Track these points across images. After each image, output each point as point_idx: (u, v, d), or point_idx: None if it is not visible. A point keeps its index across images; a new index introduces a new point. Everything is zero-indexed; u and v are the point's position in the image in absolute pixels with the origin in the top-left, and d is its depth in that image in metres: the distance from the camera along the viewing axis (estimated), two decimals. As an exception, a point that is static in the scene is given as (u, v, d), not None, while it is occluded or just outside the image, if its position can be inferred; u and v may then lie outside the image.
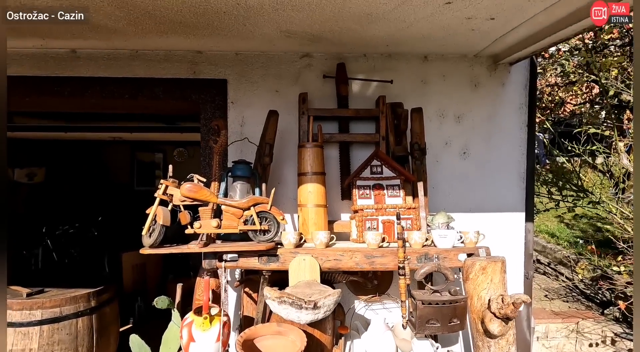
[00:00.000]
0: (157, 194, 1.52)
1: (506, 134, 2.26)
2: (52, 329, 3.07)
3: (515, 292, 1.53)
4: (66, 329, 3.14)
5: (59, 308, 3.15)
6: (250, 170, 1.84)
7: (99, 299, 3.45)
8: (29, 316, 3.04)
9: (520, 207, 2.28)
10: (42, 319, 3.05)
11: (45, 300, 3.11)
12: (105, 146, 6.44)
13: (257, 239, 1.59)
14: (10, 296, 3.14)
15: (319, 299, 1.37)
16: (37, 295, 3.18)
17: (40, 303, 3.07)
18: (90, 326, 3.30)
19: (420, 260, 1.65)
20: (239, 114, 2.16)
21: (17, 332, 3.00)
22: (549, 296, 3.27)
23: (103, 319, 3.45)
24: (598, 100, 7.07)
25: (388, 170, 1.96)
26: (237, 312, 2.11)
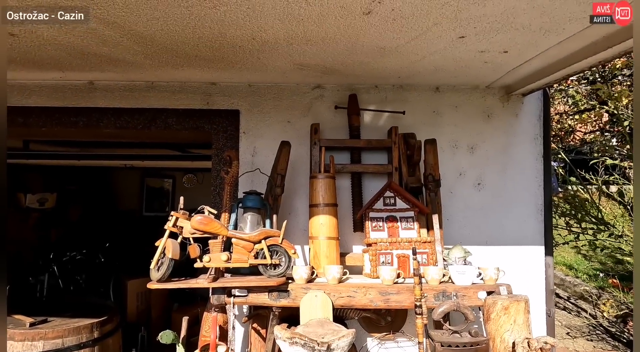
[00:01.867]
0: (167, 226, 1.49)
1: (521, 165, 2.22)
2: (52, 361, 2.98)
3: (539, 334, 1.44)
4: (67, 362, 3.04)
5: (61, 339, 3.07)
6: (261, 201, 1.82)
7: (102, 330, 3.35)
8: (31, 347, 2.96)
9: (539, 241, 2.20)
10: (44, 351, 2.97)
11: (48, 331, 3.04)
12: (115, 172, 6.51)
13: (267, 273, 1.54)
14: (13, 326, 3.07)
15: (332, 341, 1.29)
16: (40, 324, 3.11)
17: (42, 334, 2.99)
18: (91, 359, 3.20)
19: (437, 298, 1.57)
20: (251, 144, 2.16)
21: (17, 365, 2.91)
22: (571, 334, 3.10)
23: (106, 351, 3.34)
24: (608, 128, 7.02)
25: (401, 202, 1.92)
26: (244, 349, 2.02)
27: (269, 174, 1.95)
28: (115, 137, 2.46)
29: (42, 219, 5.50)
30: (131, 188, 6.77)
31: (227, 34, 1.46)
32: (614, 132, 6.51)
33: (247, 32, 1.44)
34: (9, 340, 2.99)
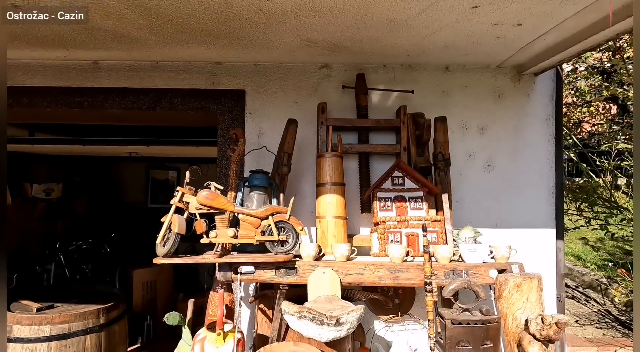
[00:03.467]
0: (172, 202, 1.47)
1: (533, 147, 2.17)
2: (59, 345, 2.99)
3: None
4: (74, 346, 3.06)
5: (68, 324, 3.08)
6: (267, 180, 1.79)
7: (108, 316, 3.36)
8: (38, 331, 2.98)
9: (550, 224, 2.16)
10: (51, 335, 2.98)
11: (55, 315, 3.05)
12: (120, 164, 6.53)
13: (274, 250, 1.52)
14: (20, 311, 3.08)
15: (341, 315, 1.27)
16: (46, 310, 3.12)
17: (49, 319, 3.01)
18: (98, 344, 3.21)
19: (447, 276, 1.54)
20: (257, 125, 2.13)
21: (24, 348, 2.92)
22: (580, 322, 3.06)
23: (112, 337, 3.36)
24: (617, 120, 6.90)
25: (410, 182, 1.88)
26: (250, 330, 2.00)
27: (275, 153, 1.92)
28: (120, 119, 2.44)
29: (48, 210, 5.52)
30: (136, 180, 6.78)
31: (233, 4, 1.42)
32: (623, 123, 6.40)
33: (254, 2, 1.41)
34: (16, 324, 3.00)
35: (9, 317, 3.02)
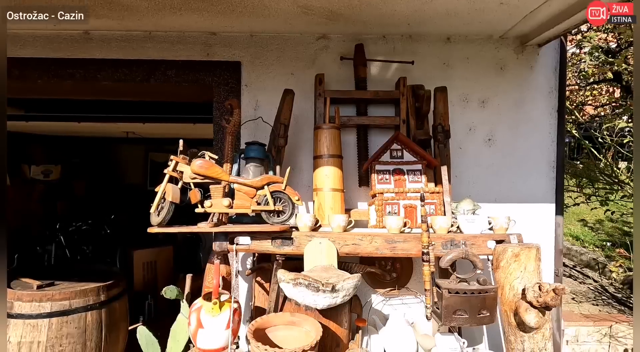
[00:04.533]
0: (166, 171, 1.45)
1: (535, 121, 2.13)
2: (60, 322, 3.02)
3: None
4: (75, 323, 3.09)
5: (69, 301, 3.10)
6: (264, 151, 1.76)
7: (109, 294, 3.39)
8: (39, 308, 3.00)
9: (550, 199, 2.14)
10: (52, 312, 3.01)
11: (55, 292, 3.07)
12: (119, 146, 6.50)
13: (270, 221, 1.50)
14: (21, 288, 3.11)
15: (337, 282, 1.26)
16: (47, 288, 3.15)
17: (50, 295, 3.03)
18: (99, 321, 3.24)
19: (445, 246, 1.53)
20: (253, 98, 2.09)
21: (26, 324, 2.96)
22: (576, 299, 3.08)
23: (112, 314, 3.39)
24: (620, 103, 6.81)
25: (409, 155, 1.85)
26: (248, 303, 2.01)
27: (272, 125, 1.88)
28: (114, 93, 2.39)
29: (47, 191, 5.52)
30: (135, 163, 6.77)
31: (226, -36, 1.36)
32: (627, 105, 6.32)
33: (248, -38, 1.35)
34: (17, 301, 3.02)
35: (9, 293, 3.04)
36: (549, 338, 1.42)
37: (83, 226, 5.34)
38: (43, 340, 2.97)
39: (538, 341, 1.41)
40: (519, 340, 1.43)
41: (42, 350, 2.96)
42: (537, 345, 1.41)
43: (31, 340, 2.95)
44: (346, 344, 1.73)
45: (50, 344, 2.99)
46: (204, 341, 1.45)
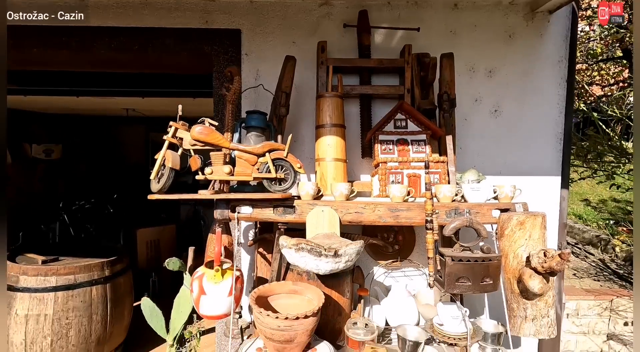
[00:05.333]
0: (166, 137, 1.42)
1: (543, 91, 2.07)
2: (66, 295, 3.07)
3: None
4: (80, 297, 3.13)
5: (73, 276, 3.14)
6: (265, 121, 1.72)
7: (113, 269, 3.42)
8: (44, 282, 3.04)
9: (555, 171, 2.11)
10: (57, 286, 3.05)
11: (60, 267, 3.10)
12: (120, 126, 6.46)
13: (272, 188, 1.48)
14: (26, 263, 3.14)
15: (340, 247, 1.25)
16: (52, 263, 3.18)
17: (54, 270, 3.06)
18: (104, 295, 3.29)
19: (449, 215, 1.51)
20: (254, 67, 2.03)
21: (32, 298, 3.00)
22: (577, 275, 3.08)
23: (117, 289, 3.43)
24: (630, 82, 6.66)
25: (413, 125, 1.81)
26: (250, 274, 2.01)
27: (273, 93, 1.84)
28: (111, 65, 2.34)
29: (49, 170, 5.53)
30: (136, 143, 6.74)
31: None
32: (636, 83, 6.16)
33: None
34: (22, 275, 3.05)
35: (14, 268, 3.08)
36: (551, 305, 1.41)
37: (86, 204, 5.36)
38: (50, 313, 3.02)
39: (541, 308, 1.40)
40: (522, 307, 1.42)
41: (49, 323, 3.01)
42: (539, 312, 1.40)
43: (38, 313, 3.00)
44: (348, 313, 1.73)
45: (57, 317, 3.04)
46: (206, 308, 1.45)
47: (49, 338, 3.00)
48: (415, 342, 1.51)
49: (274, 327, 1.32)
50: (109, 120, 5.97)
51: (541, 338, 1.43)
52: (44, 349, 3.00)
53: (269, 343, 1.39)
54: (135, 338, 3.93)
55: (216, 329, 2.11)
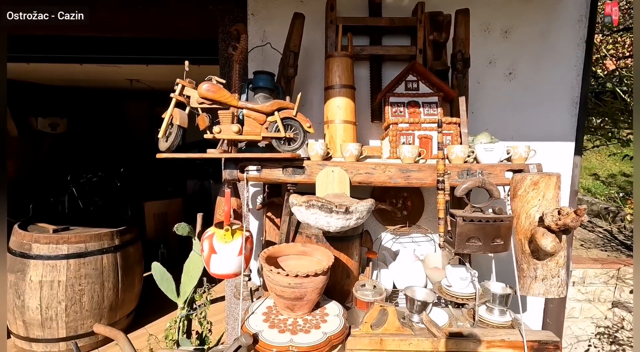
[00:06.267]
0: (172, 95, 1.39)
1: (560, 53, 1.99)
2: (78, 263, 3.13)
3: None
4: (92, 265, 3.20)
5: (84, 244, 3.19)
6: (272, 81, 1.68)
7: (123, 239, 3.48)
8: (56, 249, 3.10)
9: (570, 137, 2.06)
10: (69, 254, 3.11)
11: (71, 236, 3.16)
12: (125, 100, 6.41)
13: (281, 149, 1.45)
14: (37, 231, 3.19)
15: (351, 204, 1.24)
16: (62, 232, 3.23)
17: (65, 238, 3.12)
18: (115, 263, 3.36)
19: (461, 176, 1.48)
20: (260, 28, 1.97)
21: (45, 265, 3.07)
22: (585, 246, 3.08)
23: (127, 258, 3.50)
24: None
25: (425, 87, 1.76)
26: (259, 238, 2.03)
27: (281, 52, 1.78)
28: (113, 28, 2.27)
29: (55, 144, 5.55)
30: (141, 117, 6.71)
31: None
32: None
33: None
34: (34, 243, 3.11)
35: (26, 236, 3.13)
36: (562, 266, 1.40)
37: (93, 178, 5.41)
38: (63, 280, 3.09)
39: (552, 268, 1.40)
40: (532, 268, 1.42)
41: (62, 288, 3.09)
42: (550, 272, 1.40)
43: (51, 279, 3.07)
44: (356, 276, 1.75)
45: (70, 284, 3.12)
46: (216, 266, 1.46)
47: (63, 303, 3.08)
48: (423, 302, 1.52)
49: (285, 285, 1.34)
50: (113, 94, 5.92)
51: (550, 297, 1.43)
52: (59, 314, 3.09)
53: (280, 301, 1.41)
54: (145, 307, 4.04)
55: (225, 292, 2.15)
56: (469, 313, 1.65)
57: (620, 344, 2.54)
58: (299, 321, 1.40)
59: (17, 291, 3.04)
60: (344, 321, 1.41)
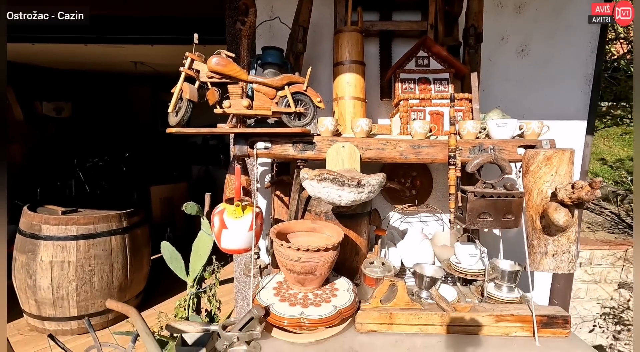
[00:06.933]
0: (182, 69, 1.37)
1: (574, 29, 1.95)
2: (87, 244, 3.17)
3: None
4: (101, 246, 3.24)
5: (93, 225, 3.23)
6: (281, 57, 1.66)
7: (130, 221, 3.52)
8: (65, 230, 3.13)
9: (582, 116, 2.03)
10: (78, 235, 3.15)
11: (80, 217, 3.19)
12: (128, 85, 6.37)
13: (291, 124, 1.44)
14: (47, 213, 3.23)
15: (362, 177, 1.23)
16: (71, 213, 3.27)
17: (75, 220, 3.15)
18: (123, 245, 3.40)
19: (473, 151, 1.47)
20: (267, 4, 1.93)
21: (55, 246, 3.11)
22: (592, 228, 3.07)
23: (135, 240, 3.54)
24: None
25: (436, 63, 1.73)
26: (267, 216, 2.03)
27: (289, 27, 1.75)
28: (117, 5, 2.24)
29: (60, 128, 5.55)
30: (145, 103, 6.69)
31: None
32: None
33: None
34: (44, 224, 3.15)
35: (36, 217, 3.16)
36: (573, 241, 1.40)
37: (99, 162, 5.43)
38: (73, 260, 3.14)
39: (562, 243, 1.39)
40: (543, 244, 1.42)
41: (73, 269, 3.14)
42: (561, 248, 1.40)
43: (62, 260, 3.11)
44: (365, 253, 1.76)
45: (80, 264, 3.16)
46: (228, 242, 1.47)
47: (74, 283, 3.13)
48: (432, 278, 1.53)
49: (296, 259, 1.34)
50: (117, 78, 5.89)
51: (561, 272, 1.43)
52: (70, 293, 3.15)
53: (290, 275, 1.42)
54: (154, 288, 4.11)
55: (234, 271, 2.18)
56: (477, 290, 1.66)
57: (625, 324, 2.55)
58: (309, 295, 1.42)
59: (29, 271, 3.10)
60: (353, 295, 1.42)
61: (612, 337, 2.61)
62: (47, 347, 3.10)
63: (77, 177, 5.29)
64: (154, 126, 6.74)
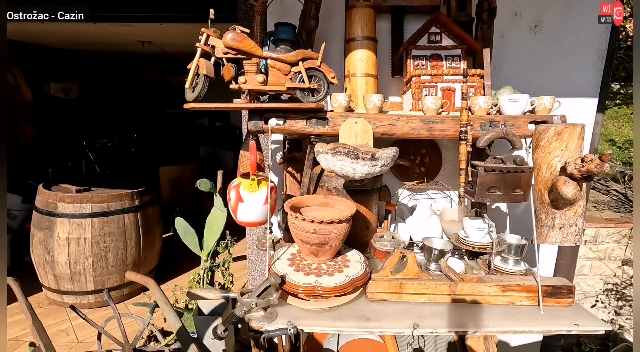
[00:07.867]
0: (198, 44, 1.39)
1: (589, 2, 1.92)
2: (102, 221, 3.26)
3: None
4: (115, 223, 3.33)
5: (107, 203, 3.30)
6: (294, 33, 1.66)
7: (142, 199, 3.59)
8: (80, 208, 3.22)
9: (593, 93, 2.02)
10: (93, 212, 3.23)
11: (94, 196, 3.27)
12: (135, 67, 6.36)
13: (305, 99, 1.47)
14: (61, 191, 3.31)
15: (376, 151, 1.26)
16: (85, 192, 3.34)
17: (89, 198, 3.23)
18: (136, 223, 3.48)
19: (484, 127, 1.49)
20: (279, -20, 1.92)
21: (71, 223, 3.20)
22: (598, 207, 3.09)
23: (147, 218, 3.63)
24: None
25: (448, 39, 1.73)
26: (279, 193, 2.08)
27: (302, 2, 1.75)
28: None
29: (69, 109, 5.60)
30: (151, 84, 6.69)
31: None
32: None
33: None
34: (60, 202, 3.23)
35: (52, 195, 3.25)
36: (580, 215, 1.43)
37: (109, 143, 5.49)
38: (89, 237, 3.23)
39: (569, 217, 1.43)
40: (550, 217, 1.45)
41: (88, 245, 3.24)
42: (567, 221, 1.43)
43: (78, 236, 3.21)
44: (375, 228, 1.81)
45: (96, 241, 3.26)
46: (244, 214, 1.53)
47: (90, 259, 3.24)
48: (441, 250, 1.58)
49: (310, 231, 1.39)
50: (124, 60, 5.88)
51: (567, 245, 1.47)
52: (86, 268, 3.26)
53: (304, 246, 1.48)
54: (166, 266, 4.23)
55: (247, 245, 2.24)
56: (484, 263, 1.71)
57: (627, 300, 2.61)
58: (323, 265, 1.47)
59: (47, 247, 3.20)
60: (365, 266, 1.48)
61: (614, 313, 2.67)
62: (66, 319, 3.24)
63: (87, 158, 5.36)
64: (161, 108, 6.76)
